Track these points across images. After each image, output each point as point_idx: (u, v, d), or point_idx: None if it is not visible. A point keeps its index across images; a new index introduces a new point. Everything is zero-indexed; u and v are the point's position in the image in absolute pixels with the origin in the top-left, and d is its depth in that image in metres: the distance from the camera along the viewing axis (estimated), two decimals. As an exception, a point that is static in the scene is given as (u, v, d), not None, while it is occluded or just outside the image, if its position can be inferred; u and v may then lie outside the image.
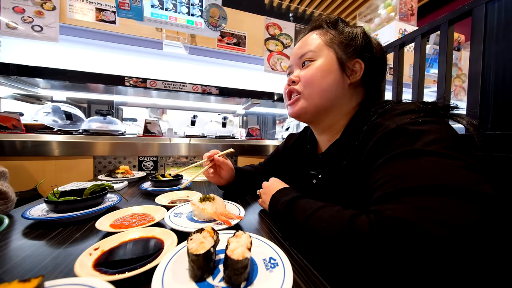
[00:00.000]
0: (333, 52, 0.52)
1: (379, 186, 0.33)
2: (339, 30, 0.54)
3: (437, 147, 0.31)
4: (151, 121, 1.38)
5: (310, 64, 0.53)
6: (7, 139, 1.04)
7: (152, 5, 1.38)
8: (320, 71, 0.51)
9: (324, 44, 0.53)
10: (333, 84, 0.51)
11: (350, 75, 0.52)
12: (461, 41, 2.08)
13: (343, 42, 0.52)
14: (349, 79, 0.52)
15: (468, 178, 0.28)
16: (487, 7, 0.60)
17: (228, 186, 0.78)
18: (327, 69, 0.51)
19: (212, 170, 0.73)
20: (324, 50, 0.53)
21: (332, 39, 0.53)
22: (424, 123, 0.35)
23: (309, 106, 0.53)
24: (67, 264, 0.35)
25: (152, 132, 1.36)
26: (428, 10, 2.71)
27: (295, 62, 0.57)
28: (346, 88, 0.52)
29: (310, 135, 0.66)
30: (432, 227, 0.25)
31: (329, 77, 0.51)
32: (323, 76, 0.51)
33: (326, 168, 0.56)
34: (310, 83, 0.52)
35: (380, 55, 0.56)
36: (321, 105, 0.53)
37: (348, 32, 0.53)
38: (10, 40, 1.35)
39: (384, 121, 0.39)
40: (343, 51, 0.52)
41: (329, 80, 0.51)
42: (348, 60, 0.52)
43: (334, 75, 0.51)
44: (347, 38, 0.52)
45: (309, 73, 0.52)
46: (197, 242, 0.31)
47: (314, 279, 0.31)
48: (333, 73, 0.51)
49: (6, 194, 0.59)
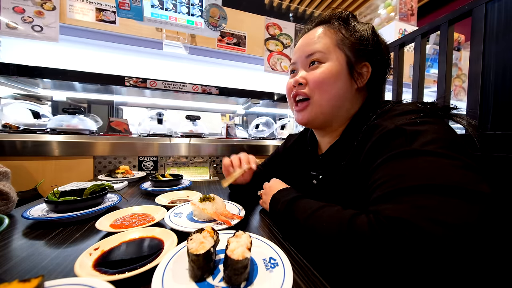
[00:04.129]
0: (343, 54, 0.49)
1: (378, 186, 0.33)
2: (350, 29, 0.51)
3: (435, 147, 0.32)
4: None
5: (319, 66, 0.50)
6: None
7: (152, 5, 1.39)
8: (330, 76, 0.49)
9: (334, 45, 0.50)
10: (342, 90, 0.50)
11: (357, 79, 0.50)
12: (461, 41, 2.08)
13: (354, 44, 0.49)
14: (356, 83, 0.50)
15: (465, 177, 0.28)
16: (487, 7, 0.60)
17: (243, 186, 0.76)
18: (336, 74, 0.49)
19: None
20: (334, 52, 0.50)
21: (343, 40, 0.50)
22: (422, 123, 0.35)
23: (318, 113, 0.52)
24: (67, 264, 0.35)
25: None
26: (428, 10, 2.71)
27: (301, 60, 0.54)
28: (353, 93, 0.51)
29: (310, 136, 0.66)
30: (431, 226, 0.25)
31: (338, 83, 0.49)
32: (333, 81, 0.49)
33: (327, 169, 0.56)
34: (319, 88, 0.50)
35: (387, 57, 0.54)
36: (329, 112, 0.51)
37: (360, 33, 0.50)
38: (10, 40, 1.35)
39: (383, 122, 0.39)
40: (354, 54, 0.49)
41: (338, 86, 0.49)
42: (357, 64, 0.50)
43: (343, 80, 0.49)
44: (357, 39, 0.50)
45: (319, 77, 0.49)
46: (197, 242, 0.31)
47: (314, 279, 0.31)
48: (342, 78, 0.49)
49: (7, 195, 0.59)
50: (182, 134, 1.48)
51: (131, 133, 1.34)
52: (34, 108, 1.28)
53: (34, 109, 1.28)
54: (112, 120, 1.32)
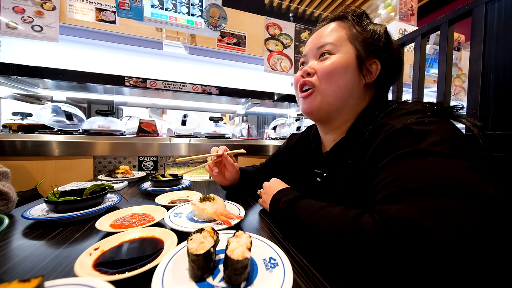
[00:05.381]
0: (353, 48, 0.50)
1: (384, 186, 0.33)
2: (363, 26, 0.52)
3: (443, 147, 0.31)
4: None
5: (329, 57, 0.50)
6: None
7: (152, 5, 1.39)
8: (339, 67, 0.49)
9: (346, 39, 0.51)
10: (349, 83, 0.50)
11: (365, 75, 0.51)
12: (461, 41, 2.08)
13: (366, 39, 0.50)
14: (364, 79, 0.51)
15: (473, 179, 0.28)
16: (487, 7, 0.60)
17: (232, 187, 0.77)
18: (345, 66, 0.49)
19: (217, 170, 0.71)
20: (345, 45, 0.50)
21: (355, 35, 0.50)
22: (430, 123, 0.35)
23: (323, 103, 0.52)
24: (67, 264, 0.35)
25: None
26: (428, 10, 2.71)
27: (312, 52, 0.54)
28: (360, 88, 0.51)
29: (314, 134, 0.65)
30: (438, 227, 0.25)
31: (347, 75, 0.49)
32: (341, 72, 0.49)
33: (331, 167, 0.56)
34: (327, 78, 0.50)
35: (397, 58, 0.54)
36: (334, 104, 0.51)
37: (372, 30, 0.51)
38: (10, 40, 1.35)
39: (390, 121, 0.39)
40: (364, 49, 0.50)
41: (346, 78, 0.49)
42: (367, 59, 0.50)
43: (351, 73, 0.50)
44: (370, 36, 0.50)
45: (327, 67, 0.50)
46: (197, 242, 0.31)
47: (314, 279, 0.31)
48: (351, 71, 0.50)
49: (7, 195, 0.59)
50: (206, 135, 1.57)
51: (158, 134, 1.40)
52: (68, 109, 1.37)
53: (68, 111, 1.36)
54: (142, 121, 1.38)
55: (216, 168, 0.71)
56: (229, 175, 0.72)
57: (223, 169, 0.72)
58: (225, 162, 0.70)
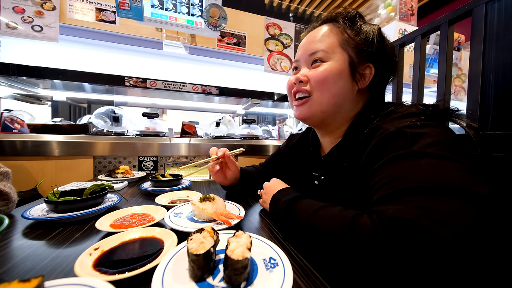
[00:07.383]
0: (346, 55, 0.50)
1: (379, 188, 0.33)
2: (356, 29, 0.51)
3: (436, 149, 0.32)
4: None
5: (321, 65, 0.50)
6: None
7: (152, 5, 1.39)
8: (331, 75, 0.49)
9: (337, 45, 0.50)
10: (343, 90, 0.50)
11: (358, 80, 0.50)
12: (461, 41, 2.08)
13: (358, 45, 0.49)
14: (358, 85, 0.50)
15: (467, 179, 0.28)
16: (487, 7, 0.60)
17: (232, 187, 0.77)
18: (338, 73, 0.49)
19: (218, 168, 0.70)
20: (338, 52, 0.50)
21: (347, 41, 0.50)
22: (423, 126, 0.36)
23: (317, 111, 0.52)
24: (67, 264, 0.35)
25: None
26: (428, 10, 2.71)
27: (304, 58, 0.54)
28: (354, 94, 0.51)
29: (312, 137, 0.65)
30: (435, 227, 0.25)
31: (339, 82, 0.49)
32: (334, 80, 0.49)
33: (329, 170, 0.56)
34: (320, 86, 0.50)
35: (392, 60, 0.54)
36: (328, 111, 0.51)
37: (365, 34, 0.50)
38: (10, 40, 1.35)
39: (384, 124, 0.40)
40: (357, 55, 0.49)
41: (339, 85, 0.49)
42: (360, 65, 0.50)
43: (344, 80, 0.49)
44: (362, 40, 0.50)
45: (320, 76, 0.49)
46: (197, 242, 0.31)
47: (314, 279, 0.31)
48: (344, 78, 0.49)
49: (8, 195, 0.59)
50: (240, 136, 1.65)
51: (197, 135, 1.47)
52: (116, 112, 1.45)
53: (115, 115, 1.44)
54: (185, 123, 1.43)
55: (217, 166, 0.71)
56: (231, 174, 0.72)
57: (225, 168, 0.72)
58: (228, 162, 0.71)
